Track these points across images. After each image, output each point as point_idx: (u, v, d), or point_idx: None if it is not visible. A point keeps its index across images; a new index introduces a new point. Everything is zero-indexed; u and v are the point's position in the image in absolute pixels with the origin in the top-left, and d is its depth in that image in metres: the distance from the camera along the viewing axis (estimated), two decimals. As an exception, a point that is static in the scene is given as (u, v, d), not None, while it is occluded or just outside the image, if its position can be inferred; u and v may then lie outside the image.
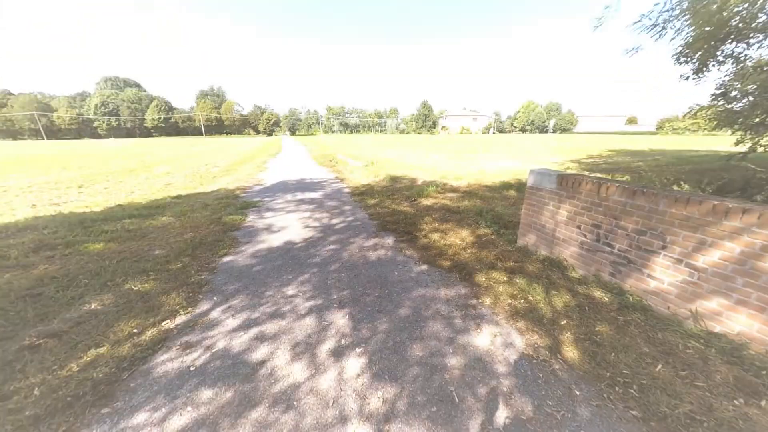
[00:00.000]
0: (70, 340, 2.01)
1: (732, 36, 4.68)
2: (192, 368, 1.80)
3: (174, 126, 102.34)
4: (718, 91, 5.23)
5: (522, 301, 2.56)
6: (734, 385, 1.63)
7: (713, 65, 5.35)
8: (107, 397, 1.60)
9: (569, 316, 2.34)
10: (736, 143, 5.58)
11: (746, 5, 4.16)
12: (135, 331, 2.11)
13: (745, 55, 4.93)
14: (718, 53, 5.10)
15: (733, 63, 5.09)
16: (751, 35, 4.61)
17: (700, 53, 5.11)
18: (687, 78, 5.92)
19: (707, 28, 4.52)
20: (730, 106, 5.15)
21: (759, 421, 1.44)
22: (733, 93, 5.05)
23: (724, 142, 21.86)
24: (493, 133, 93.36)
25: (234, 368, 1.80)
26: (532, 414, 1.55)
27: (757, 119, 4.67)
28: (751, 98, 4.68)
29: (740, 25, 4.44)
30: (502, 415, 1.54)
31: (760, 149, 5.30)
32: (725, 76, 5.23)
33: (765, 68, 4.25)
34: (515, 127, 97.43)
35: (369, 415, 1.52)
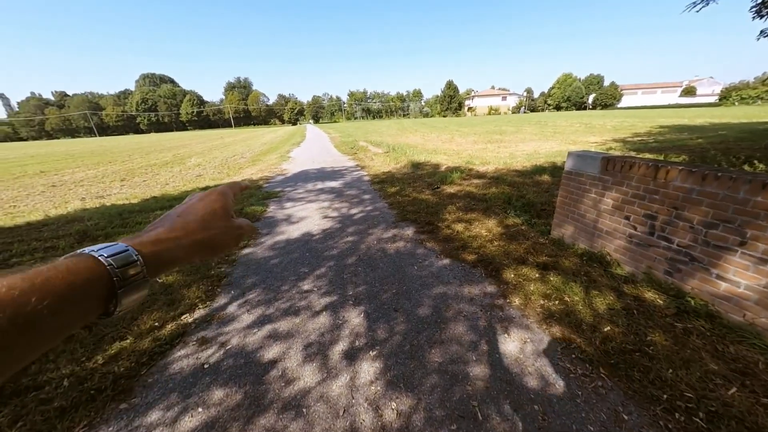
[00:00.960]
0: (99, 332, 2.10)
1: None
2: (206, 366, 1.79)
3: (206, 119, 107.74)
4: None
5: (557, 302, 2.28)
6: (840, 421, 1.30)
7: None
8: (126, 392, 1.63)
9: (614, 321, 2.04)
10: None
11: None
12: (156, 324, 2.16)
13: None
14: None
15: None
16: None
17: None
18: (769, 34, 4.91)
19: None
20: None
21: None
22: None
23: (809, 111, 18.58)
24: (525, 112, 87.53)
25: (246, 368, 1.77)
26: (570, 440, 1.34)
27: None
28: None
29: None
30: (533, 439, 1.35)
31: None
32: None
33: None
34: (549, 105, 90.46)
35: (381, 429, 1.40)
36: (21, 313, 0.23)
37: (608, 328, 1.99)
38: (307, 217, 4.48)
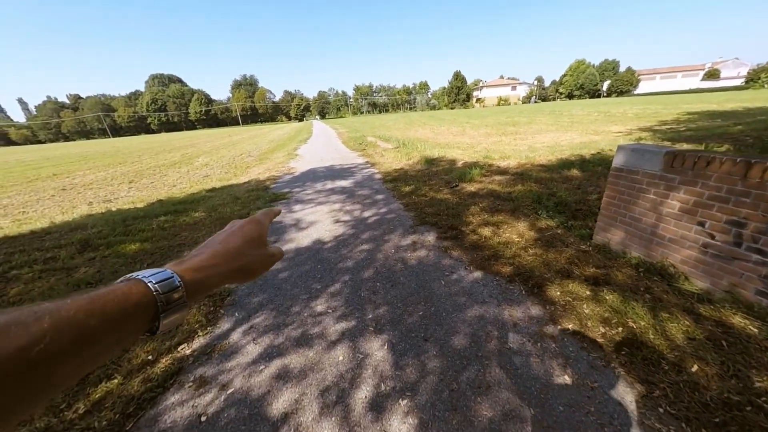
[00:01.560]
0: (85, 368, 1.82)
1: None
2: (203, 419, 1.48)
3: (214, 117, 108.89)
4: None
5: (620, 329, 1.88)
6: None
7: None
8: (106, 456, 1.34)
9: (701, 356, 1.64)
10: None
11: None
12: (149, 358, 1.87)
13: None
14: None
15: None
16: None
17: None
18: None
19: None
20: None
21: None
22: None
23: None
24: (536, 101, 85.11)
25: (251, 423, 1.45)
26: None
27: None
28: None
29: None
30: None
31: None
32: None
33: None
34: (561, 94, 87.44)
35: None
36: (84, 333, 0.26)
37: (696, 367, 1.59)
38: (317, 222, 4.16)
